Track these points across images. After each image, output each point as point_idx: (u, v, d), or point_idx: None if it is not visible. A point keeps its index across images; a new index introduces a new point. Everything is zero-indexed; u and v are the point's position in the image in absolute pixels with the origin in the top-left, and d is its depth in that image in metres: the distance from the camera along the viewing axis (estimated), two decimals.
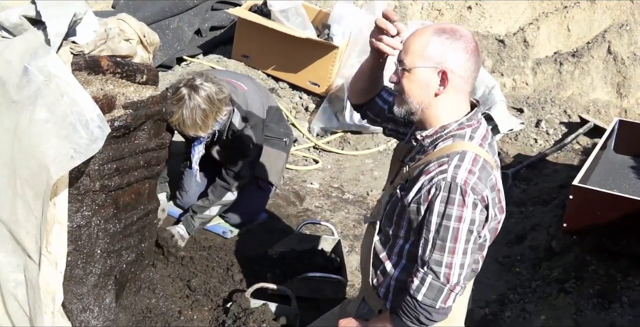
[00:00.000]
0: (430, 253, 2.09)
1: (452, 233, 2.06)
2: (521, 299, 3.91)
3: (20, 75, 2.29)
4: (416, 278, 2.13)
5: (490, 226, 2.16)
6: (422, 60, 2.10)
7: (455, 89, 2.14)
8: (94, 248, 2.76)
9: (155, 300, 3.24)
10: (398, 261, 2.28)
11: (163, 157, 3.06)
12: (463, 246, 2.07)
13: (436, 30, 2.10)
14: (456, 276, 2.10)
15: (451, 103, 2.16)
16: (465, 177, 2.04)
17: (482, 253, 2.27)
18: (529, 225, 4.68)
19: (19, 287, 2.39)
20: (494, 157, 2.21)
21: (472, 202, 2.04)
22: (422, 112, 2.19)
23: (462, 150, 2.10)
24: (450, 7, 7.72)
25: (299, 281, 3.60)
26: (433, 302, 2.12)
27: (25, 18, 2.43)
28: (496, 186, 2.14)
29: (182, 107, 3.38)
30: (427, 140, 2.21)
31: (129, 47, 2.77)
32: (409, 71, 2.13)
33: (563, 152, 5.95)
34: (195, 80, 3.41)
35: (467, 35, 2.12)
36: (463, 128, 2.16)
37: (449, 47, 2.08)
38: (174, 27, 6.27)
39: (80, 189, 2.64)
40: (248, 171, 3.88)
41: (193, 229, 3.85)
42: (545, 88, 6.87)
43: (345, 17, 5.91)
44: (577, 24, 7.34)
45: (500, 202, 2.17)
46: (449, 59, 2.09)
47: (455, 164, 2.06)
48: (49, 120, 2.28)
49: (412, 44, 2.13)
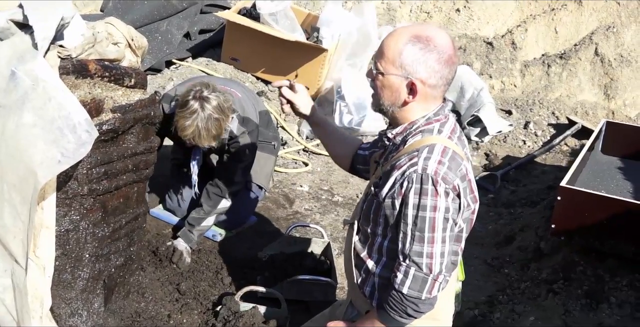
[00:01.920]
0: (411, 245, 2.13)
1: (429, 223, 2.09)
2: (510, 300, 3.92)
3: (7, 79, 2.28)
4: (399, 272, 2.16)
5: (465, 215, 2.20)
6: (394, 68, 2.14)
7: (425, 96, 2.18)
8: (82, 252, 2.75)
9: (144, 304, 3.23)
10: (379, 258, 2.31)
11: (152, 161, 3.05)
12: (441, 234, 2.11)
13: (412, 38, 2.12)
14: (438, 265, 2.13)
15: (421, 108, 2.21)
16: (435, 168, 2.08)
17: (460, 245, 2.29)
18: (518, 226, 4.70)
19: (7, 292, 2.37)
20: (464, 150, 2.25)
21: (444, 191, 2.08)
22: (393, 113, 2.25)
23: (431, 143, 2.14)
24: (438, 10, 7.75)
25: (289, 284, 3.60)
26: (419, 293, 2.15)
27: (12, 22, 2.42)
28: (467, 176, 2.18)
29: (196, 119, 3.36)
30: (397, 138, 2.26)
31: (117, 51, 2.77)
32: (382, 75, 2.18)
33: (551, 154, 5.98)
34: (203, 92, 3.40)
35: (443, 44, 2.13)
36: (431, 123, 2.21)
37: (421, 58, 2.11)
38: (163, 30, 6.25)
39: (69, 193, 2.63)
40: (242, 177, 3.87)
41: (194, 242, 3.82)
42: (534, 90, 6.90)
43: (334, 20, 5.92)
44: (565, 26, 7.38)
45: (473, 192, 2.22)
46: (420, 70, 2.12)
47: (425, 156, 2.11)
48: (37, 125, 2.27)
49: (388, 49, 2.16)
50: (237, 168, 3.81)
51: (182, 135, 3.41)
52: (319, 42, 5.85)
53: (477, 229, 4.85)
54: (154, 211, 4.21)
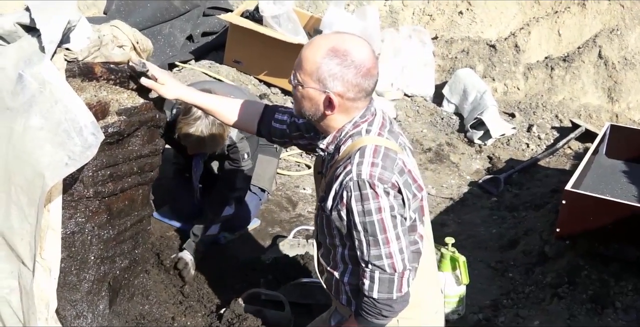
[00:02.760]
0: (368, 251, 2.14)
1: (378, 226, 2.11)
2: (514, 305, 3.91)
3: (14, 82, 2.28)
4: (365, 278, 2.18)
5: (413, 207, 2.21)
6: (312, 82, 2.14)
7: (345, 109, 2.18)
8: (88, 254, 2.75)
9: (148, 306, 3.23)
10: (344, 267, 2.33)
11: (156, 163, 3.05)
12: (393, 232, 2.13)
13: (329, 51, 2.10)
14: (400, 262, 2.15)
15: (342, 119, 2.21)
16: (369, 171, 2.09)
17: (418, 233, 2.31)
18: (522, 230, 4.69)
19: (13, 293, 2.37)
20: (399, 140, 2.26)
21: (383, 191, 2.09)
22: (316, 122, 2.26)
23: (361, 146, 2.15)
24: (441, 13, 7.75)
25: (292, 287, 3.61)
26: (389, 295, 2.17)
27: (19, 25, 2.43)
28: (405, 168, 2.18)
29: (199, 126, 3.36)
30: (330, 147, 2.27)
31: (122, 54, 2.77)
32: (302, 87, 2.18)
33: (555, 157, 5.98)
34: None
35: (361, 58, 2.11)
36: (358, 125, 2.21)
37: (338, 73, 2.10)
38: (166, 33, 6.27)
39: (74, 195, 2.63)
40: (243, 183, 3.85)
41: (199, 253, 3.77)
42: (537, 93, 6.90)
43: (336, 23, 5.93)
44: (568, 28, 7.38)
45: (416, 182, 2.23)
46: (337, 85, 2.12)
47: (357, 161, 2.11)
48: (44, 128, 2.27)
49: (306, 61, 2.15)
50: (238, 174, 3.79)
51: (186, 142, 3.40)
52: None
53: (480, 232, 4.85)
54: (158, 214, 4.21)
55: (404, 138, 2.32)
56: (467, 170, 5.88)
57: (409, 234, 2.23)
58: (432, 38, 7.33)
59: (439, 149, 6.03)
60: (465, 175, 5.80)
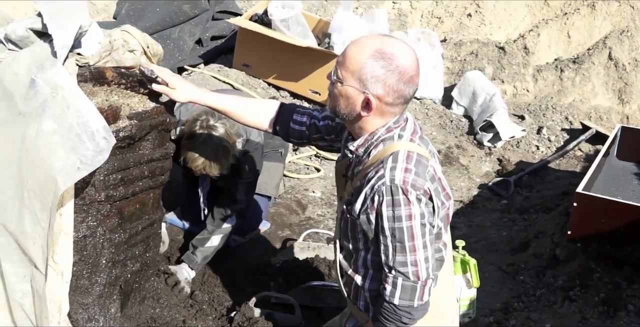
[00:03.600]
0: (393, 257, 2.13)
1: (407, 232, 2.10)
2: (526, 308, 3.90)
3: (27, 87, 2.29)
4: (387, 284, 2.17)
5: (441, 214, 2.21)
6: (352, 81, 2.12)
7: (382, 112, 2.16)
8: (99, 258, 2.76)
9: (159, 310, 3.23)
10: (365, 272, 2.32)
11: (167, 167, 3.06)
12: (421, 240, 2.11)
13: (375, 53, 2.08)
14: (424, 271, 2.14)
15: (377, 121, 2.19)
16: (402, 177, 2.08)
17: (442, 240, 2.30)
18: (533, 233, 4.67)
19: (26, 297, 2.38)
20: (428, 148, 2.26)
21: (415, 198, 2.08)
22: (349, 122, 2.24)
23: (394, 152, 2.14)
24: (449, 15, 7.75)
25: (303, 290, 3.61)
26: (410, 302, 2.16)
27: (31, 31, 2.44)
28: (436, 175, 2.18)
29: (205, 150, 3.31)
30: (360, 150, 2.24)
31: (133, 58, 2.78)
32: (341, 84, 2.15)
33: (565, 159, 5.96)
34: (209, 121, 3.34)
35: (406, 64, 2.10)
36: (391, 130, 2.20)
37: (382, 76, 2.08)
38: (175, 37, 6.29)
39: (86, 199, 2.64)
40: (245, 195, 3.78)
41: (197, 264, 3.67)
42: (546, 95, 6.88)
43: (345, 26, 5.93)
44: (578, 30, 7.36)
45: (445, 190, 2.23)
46: (378, 87, 2.10)
47: (390, 166, 2.10)
48: (56, 132, 2.28)
49: (350, 59, 2.12)
50: (240, 186, 3.73)
51: (192, 166, 3.36)
52: (331, 48, 5.86)
53: (491, 235, 4.84)
54: (168, 217, 4.22)
55: (431, 146, 2.31)
56: (477, 172, 5.87)
57: (434, 242, 2.22)
58: (441, 40, 7.33)
59: (449, 151, 6.02)
60: (475, 177, 5.79)
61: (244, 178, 3.74)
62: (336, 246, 2.42)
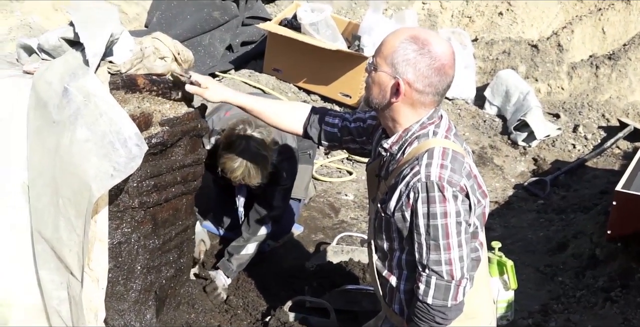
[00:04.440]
0: (427, 255, 2.11)
1: (442, 230, 2.07)
2: (565, 309, 3.83)
3: (60, 95, 2.33)
4: (421, 283, 2.15)
5: (477, 213, 2.18)
6: (385, 65, 2.12)
7: (412, 101, 2.14)
8: (134, 264, 2.79)
9: (194, 315, 3.25)
10: (400, 273, 2.29)
11: (199, 173, 3.08)
12: (456, 239, 2.09)
13: (409, 38, 2.10)
14: (459, 270, 2.11)
15: (408, 112, 2.18)
16: (438, 173, 2.05)
17: (478, 240, 2.27)
18: (571, 233, 4.60)
19: (63, 304, 2.42)
20: (463, 145, 2.23)
21: (451, 195, 2.05)
22: (381, 111, 2.22)
23: (429, 148, 2.12)
24: (480, 14, 7.68)
25: (337, 294, 3.59)
26: (444, 302, 2.14)
27: (64, 40, 2.48)
28: (471, 172, 2.16)
29: (244, 160, 3.30)
30: (394, 148, 2.23)
31: (164, 65, 2.80)
32: (375, 71, 2.16)
33: (603, 157, 5.85)
34: (247, 130, 3.34)
35: (439, 51, 2.09)
36: (425, 127, 2.18)
37: (413, 59, 2.08)
38: (206, 43, 6.33)
39: (120, 206, 2.67)
40: (281, 201, 3.77)
41: (232, 272, 3.67)
42: (582, 92, 6.77)
43: (375, 28, 5.90)
44: (613, 26, 7.23)
45: (481, 188, 2.20)
46: (408, 71, 2.09)
47: (426, 162, 2.08)
48: (89, 140, 2.31)
49: (385, 44, 2.14)
50: (276, 193, 3.72)
51: (232, 176, 3.35)
52: (361, 50, 5.84)
53: (528, 236, 4.77)
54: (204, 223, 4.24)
55: (466, 144, 2.29)
56: (512, 173, 5.79)
57: (470, 242, 2.19)
58: (472, 40, 7.25)
59: (482, 152, 5.95)
60: (510, 178, 5.72)
61: (282, 184, 3.73)
62: (371, 247, 2.39)
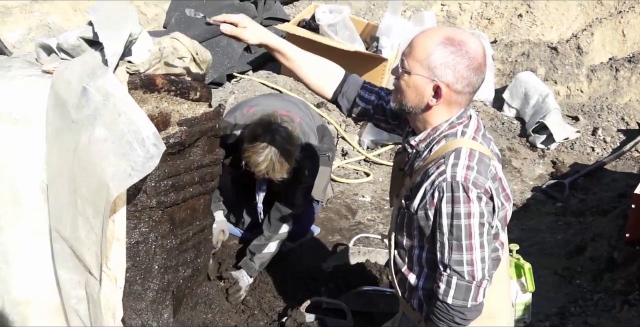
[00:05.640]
0: (449, 255, 2.10)
1: (465, 231, 2.07)
2: (583, 312, 3.80)
3: (79, 95, 2.34)
4: (442, 282, 2.14)
5: (499, 215, 2.17)
6: (421, 69, 2.10)
7: (449, 102, 2.14)
8: (152, 264, 2.79)
9: (211, 315, 3.26)
10: (420, 270, 2.29)
11: (217, 173, 3.09)
12: (478, 240, 2.08)
13: (444, 40, 2.07)
14: (480, 271, 2.11)
15: (444, 112, 2.17)
16: (464, 174, 2.05)
17: (499, 240, 2.26)
18: (589, 236, 4.56)
19: (81, 303, 2.43)
20: (490, 147, 2.22)
21: (476, 196, 2.05)
22: (415, 115, 2.20)
23: (456, 148, 2.11)
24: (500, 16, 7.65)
25: (354, 295, 3.58)
26: (464, 302, 2.13)
27: (82, 39, 2.50)
28: (497, 175, 2.14)
29: (269, 154, 3.31)
30: (421, 145, 2.22)
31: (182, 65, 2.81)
32: (408, 74, 2.13)
33: (622, 161, 5.79)
34: (272, 125, 3.35)
35: (475, 50, 2.08)
36: (454, 126, 2.17)
37: (451, 61, 2.07)
38: (224, 44, 6.35)
39: (138, 205, 2.68)
40: (302, 200, 3.77)
41: (255, 271, 3.69)
42: (601, 95, 6.71)
43: (393, 29, 5.90)
44: (633, 28, 7.16)
45: (505, 190, 2.18)
46: (448, 74, 2.08)
47: (452, 162, 2.07)
48: (108, 139, 2.32)
49: (417, 48, 2.11)
50: (298, 191, 3.72)
51: (256, 170, 3.36)
52: (379, 52, 5.84)
53: (546, 238, 4.74)
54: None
55: (494, 145, 2.28)
56: (530, 175, 5.76)
57: (492, 242, 2.18)
58: (491, 42, 7.22)
59: (501, 154, 5.91)
60: (528, 180, 5.68)
61: (303, 183, 3.74)
62: (391, 242, 2.38)
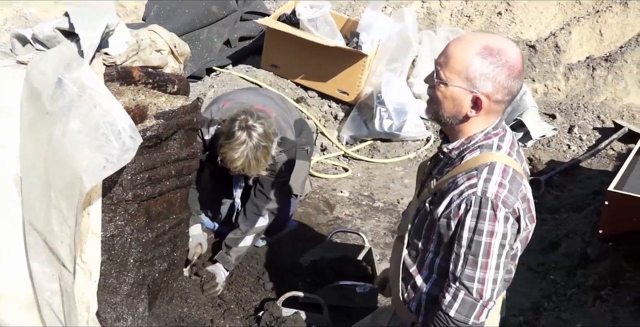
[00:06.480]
0: (462, 268, 2.07)
1: (484, 248, 2.03)
2: (556, 307, 3.85)
3: (54, 86, 2.32)
4: (448, 293, 2.11)
5: (522, 236, 2.13)
6: (459, 81, 2.04)
7: (488, 111, 2.09)
8: (127, 257, 2.79)
9: (187, 309, 3.26)
10: (429, 275, 2.25)
11: (194, 167, 3.08)
12: (495, 260, 2.04)
13: (482, 50, 2.01)
14: (489, 292, 2.07)
15: (482, 122, 2.12)
16: (496, 191, 2.00)
17: (515, 262, 2.23)
18: (563, 232, 4.61)
19: (54, 296, 2.41)
20: (522, 165, 2.17)
21: (503, 216, 2.01)
22: (451, 125, 2.15)
23: (491, 162, 2.06)
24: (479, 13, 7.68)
25: (331, 290, 3.60)
26: (466, 318, 2.09)
27: (58, 30, 2.48)
28: (526, 196, 2.10)
29: (245, 150, 3.30)
30: (454, 153, 2.17)
31: (160, 58, 2.80)
32: (445, 85, 2.07)
33: (597, 158, 5.86)
34: (248, 121, 3.33)
35: (514, 58, 2.03)
36: (490, 138, 2.12)
37: (491, 72, 2.01)
38: (204, 38, 6.32)
39: (114, 199, 2.67)
40: (278, 194, 3.78)
41: (231, 264, 3.68)
42: (578, 93, 6.78)
43: (373, 25, 5.90)
44: (610, 28, 7.23)
45: (531, 212, 2.14)
46: (487, 85, 2.03)
47: (485, 177, 2.03)
48: (82, 131, 2.31)
49: (454, 58, 2.05)
50: (274, 185, 3.73)
51: (232, 167, 3.35)
52: (359, 48, 5.84)
53: None
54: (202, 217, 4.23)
55: (525, 163, 2.23)
56: None
57: (508, 264, 2.15)
58: None
59: None
60: None
61: (279, 177, 3.74)
62: (403, 240, 2.33)
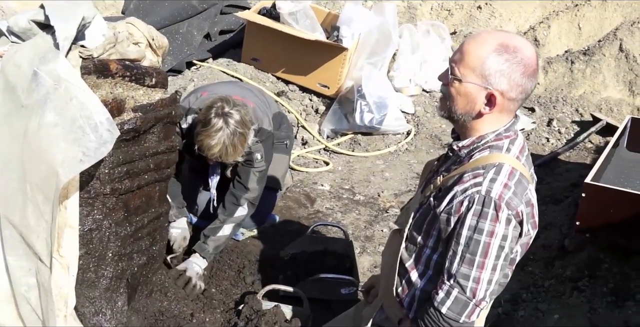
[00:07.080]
0: (458, 266, 2.06)
1: (482, 248, 2.02)
2: (534, 298, 3.88)
3: (29, 79, 2.30)
4: (441, 290, 2.10)
5: (522, 241, 2.12)
6: (474, 77, 2.04)
7: (501, 109, 2.08)
8: (106, 251, 2.77)
9: (167, 303, 3.24)
10: (425, 271, 2.24)
11: (173, 160, 3.07)
12: (493, 261, 2.04)
13: (498, 46, 2.01)
14: (482, 292, 2.06)
15: (495, 120, 2.12)
16: (500, 192, 2.00)
17: (512, 267, 2.21)
18: (541, 224, 4.64)
19: (31, 290, 2.40)
20: (530, 171, 2.17)
21: (505, 217, 2.00)
22: (464, 122, 2.15)
23: (499, 163, 2.05)
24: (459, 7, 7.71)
25: (311, 283, 3.61)
26: (457, 316, 2.09)
27: (34, 22, 2.45)
28: (531, 201, 2.09)
29: (222, 137, 3.31)
30: (463, 151, 2.17)
31: (137, 51, 2.78)
32: (459, 82, 2.07)
33: (575, 151, 5.92)
34: (224, 108, 3.34)
35: (530, 57, 2.03)
36: (501, 139, 2.12)
37: (507, 70, 2.01)
38: (184, 31, 6.29)
39: (91, 192, 2.65)
40: (257, 184, 3.78)
41: (209, 254, 3.65)
42: (557, 87, 6.83)
43: (354, 19, 5.91)
44: (588, 22, 7.30)
45: (534, 218, 2.13)
46: (502, 82, 2.02)
47: (491, 177, 2.02)
48: (58, 124, 2.29)
49: (469, 55, 2.04)
50: (251, 174, 3.74)
51: (209, 154, 3.37)
52: (339, 41, 5.85)
53: None
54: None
55: (533, 170, 2.22)
56: None
57: (506, 268, 2.13)
58: (451, 33, 7.29)
59: None
60: None
61: (256, 167, 3.75)
62: (401, 234, 2.31)
